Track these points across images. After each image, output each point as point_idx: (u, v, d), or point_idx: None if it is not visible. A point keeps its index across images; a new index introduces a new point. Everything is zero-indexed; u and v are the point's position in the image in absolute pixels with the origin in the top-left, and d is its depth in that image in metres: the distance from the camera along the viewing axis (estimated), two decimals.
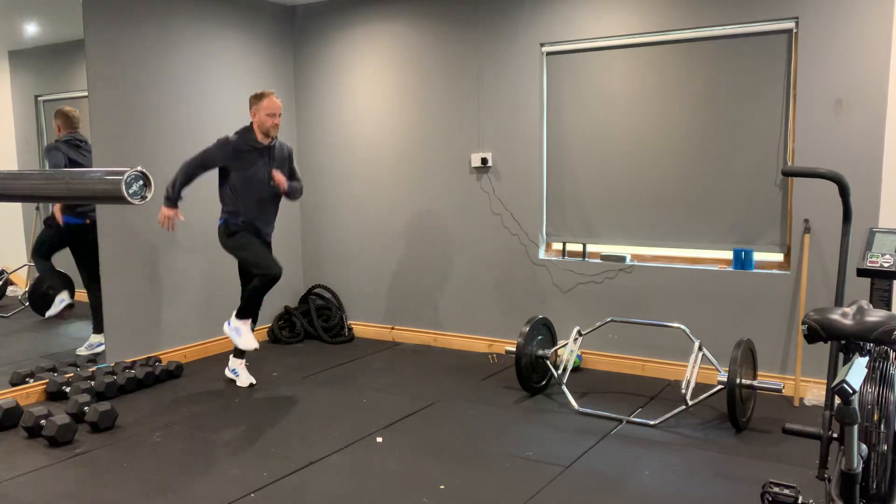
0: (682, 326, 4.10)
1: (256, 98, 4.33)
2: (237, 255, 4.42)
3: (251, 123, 4.35)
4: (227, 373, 4.65)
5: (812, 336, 2.28)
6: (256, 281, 4.31)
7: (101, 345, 4.62)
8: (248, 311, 4.42)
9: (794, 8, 4.02)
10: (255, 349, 4.49)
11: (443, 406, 4.15)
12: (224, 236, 4.38)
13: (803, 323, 2.28)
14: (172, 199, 4.25)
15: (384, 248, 5.61)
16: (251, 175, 4.31)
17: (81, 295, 4.72)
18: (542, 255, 4.97)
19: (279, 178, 4.33)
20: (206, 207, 5.18)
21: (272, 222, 4.52)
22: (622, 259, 4.69)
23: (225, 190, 4.36)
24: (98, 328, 4.63)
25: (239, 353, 4.59)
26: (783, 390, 3.77)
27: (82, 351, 4.64)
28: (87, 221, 4.54)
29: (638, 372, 4.68)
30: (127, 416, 4.01)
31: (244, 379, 4.57)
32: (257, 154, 4.33)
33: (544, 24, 4.77)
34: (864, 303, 2.33)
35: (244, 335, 4.40)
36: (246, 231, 4.35)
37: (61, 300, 4.63)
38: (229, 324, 4.45)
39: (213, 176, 4.38)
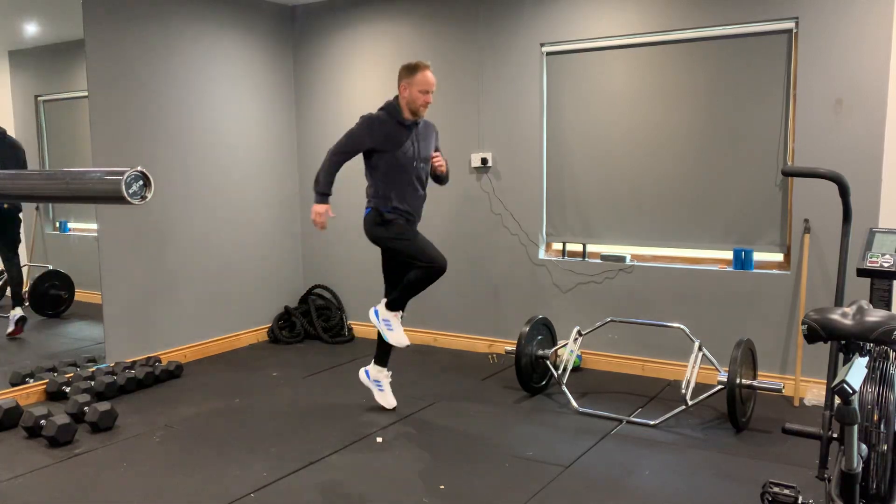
0: (682, 326, 4.11)
1: (409, 70, 3.80)
2: (392, 246, 3.90)
3: (396, 98, 3.87)
4: (366, 381, 4.16)
5: (812, 336, 2.28)
6: (420, 273, 3.79)
7: (17, 316, 4.58)
8: (402, 302, 3.93)
9: (794, 8, 4.02)
10: (407, 346, 3.97)
11: (443, 406, 4.15)
12: (374, 226, 3.90)
13: (803, 323, 2.28)
14: (324, 194, 3.83)
15: None
16: (399, 156, 3.82)
17: (81, 295, 4.72)
18: (542, 255, 4.97)
19: (439, 162, 3.95)
20: (204, 205, 5.18)
21: (421, 208, 4.02)
22: (622, 259, 4.69)
23: (371, 174, 3.90)
24: (16, 303, 4.58)
25: (381, 360, 4.11)
26: (783, 390, 3.77)
27: (10, 328, 4.58)
28: (6, 206, 4.52)
29: (638, 372, 4.68)
30: (127, 416, 4.01)
31: (387, 398, 4.11)
32: (405, 132, 3.85)
33: (544, 24, 4.77)
34: (864, 303, 2.33)
35: (396, 329, 3.92)
36: (400, 218, 3.88)
37: None
38: (377, 313, 3.98)
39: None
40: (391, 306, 3.95)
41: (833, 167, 3.94)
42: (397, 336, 3.92)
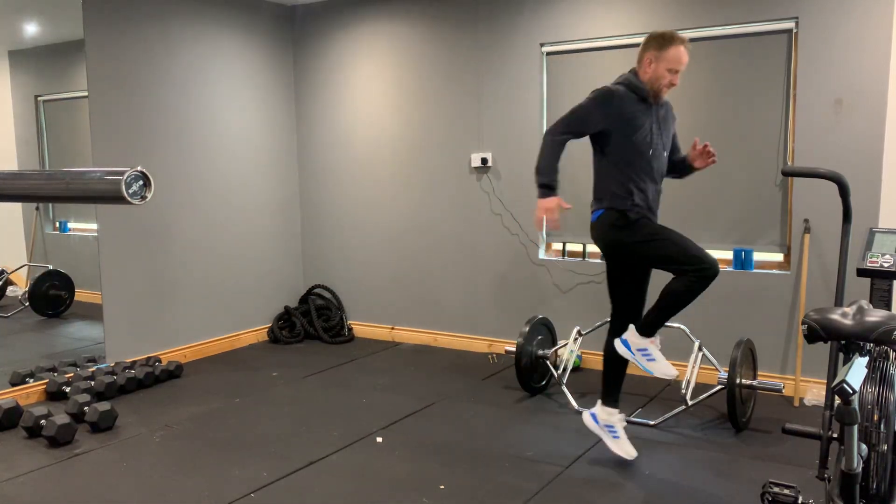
0: (682, 326, 4.10)
1: (660, 42, 3.07)
2: (645, 252, 3.15)
3: (634, 72, 3.17)
4: (594, 427, 3.39)
5: (812, 336, 2.28)
6: (688, 281, 3.03)
7: None
8: (659, 325, 3.20)
9: (794, 8, 4.02)
10: (676, 377, 3.23)
11: (443, 406, 4.15)
12: (614, 230, 3.16)
13: (803, 323, 2.28)
14: (552, 186, 3.09)
15: (384, 247, 5.61)
16: (639, 140, 3.11)
17: (81, 295, 4.72)
18: (542, 255, 4.97)
19: (711, 152, 3.22)
20: (204, 205, 5.18)
21: (658, 207, 3.29)
22: None
23: (603, 165, 3.20)
24: None
25: (611, 398, 3.37)
26: (783, 390, 3.77)
27: None
28: None
29: (638, 372, 4.66)
30: (127, 416, 4.01)
31: (624, 446, 3.33)
32: (645, 114, 3.13)
33: (544, 24, 4.77)
34: (864, 303, 2.33)
35: (658, 358, 3.18)
36: (645, 218, 3.16)
37: None
38: (626, 344, 3.25)
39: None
40: (645, 331, 3.21)
41: (833, 167, 3.93)
42: (661, 366, 3.17)
